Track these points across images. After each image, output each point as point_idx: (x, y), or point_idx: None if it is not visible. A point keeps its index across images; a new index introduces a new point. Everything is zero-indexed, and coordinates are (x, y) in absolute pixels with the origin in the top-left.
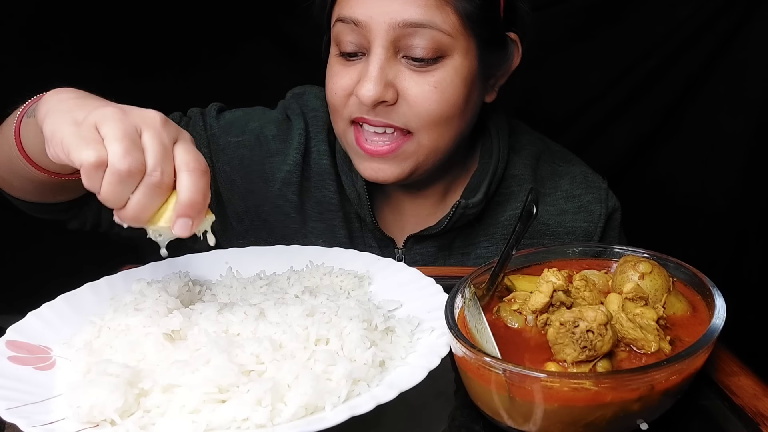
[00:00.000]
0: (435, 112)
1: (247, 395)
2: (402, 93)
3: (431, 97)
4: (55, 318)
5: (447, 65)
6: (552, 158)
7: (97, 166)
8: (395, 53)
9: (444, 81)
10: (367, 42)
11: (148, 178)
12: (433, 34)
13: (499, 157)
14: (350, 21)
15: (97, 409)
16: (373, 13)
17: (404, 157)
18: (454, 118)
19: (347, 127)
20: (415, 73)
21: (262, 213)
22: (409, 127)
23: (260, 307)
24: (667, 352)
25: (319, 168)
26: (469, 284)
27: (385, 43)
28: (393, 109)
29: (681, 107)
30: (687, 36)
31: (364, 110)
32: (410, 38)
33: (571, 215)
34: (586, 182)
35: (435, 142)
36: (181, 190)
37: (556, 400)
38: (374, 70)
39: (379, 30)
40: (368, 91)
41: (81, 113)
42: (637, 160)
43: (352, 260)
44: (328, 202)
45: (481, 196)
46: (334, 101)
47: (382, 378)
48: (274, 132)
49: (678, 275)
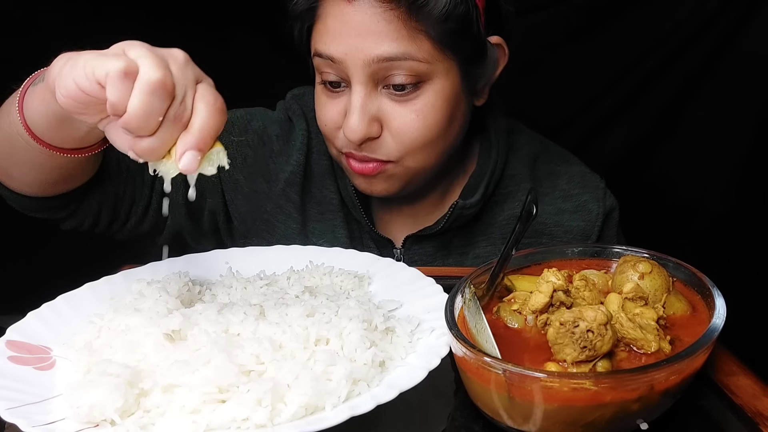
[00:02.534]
0: (418, 139)
1: (247, 395)
2: (385, 125)
3: (414, 126)
4: (55, 318)
5: (428, 90)
6: (550, 158)
7: (127, 73)
8: (375, 86)
9: (426, 107)
10: (346, 75)
11: (173, 109)
12: (409, 64)
13: (498, 157)
14: (327, 57)
15: (97, 409)
16: (347, 50)
17: (390, 175)
18: (438, 140)
19: (339, 154)
20: (397, 103)
21: (265, 213)
22: (392, 159)
23: (260, 307)
24: (667, 352)
25: (320, 168)
26: (469, 284)
27: (363, 79)
28: (377, 142)
29: (680, 107)
30: (686, 36)
31: (352, 146)
32: (387, 71)
33: (568, 214)
34: (583, 182)
35: (421, 163)
36: (195, 120)
37: (555, 400)
38: (356, 109)
39: (355, 67)
40: (353, 133)
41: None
42: (637, 160)
43: (352, 260)
44: (328, 203)
45: (479, 196)
46: (326, 132)
47: (382, 378)
48: (278, 132)
49: (678, 275)
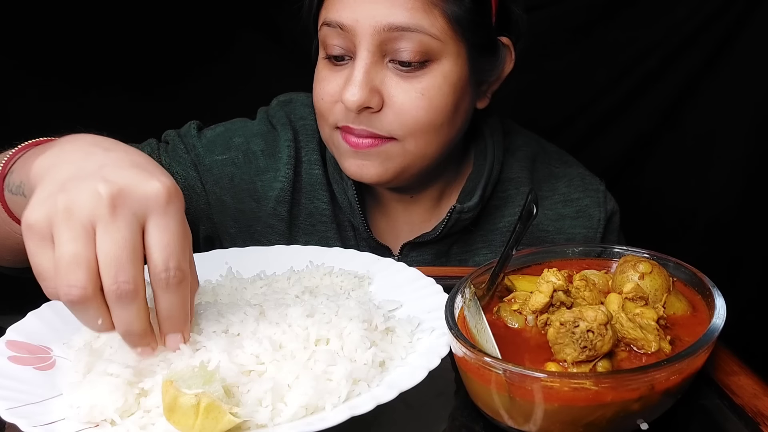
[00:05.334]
0: (422, 119)
1: (247, 395)
2: (387, 100)
3: (418, 105)
4: (55, 318)
5: (435, 71)
6: (548, 159)
7: (76, 300)
8: (381, 57)
9: (432, 87)
10: (353, 46)
11: (162, 279)
12: (420, 37)
13: (494, 158)
14: (336, 25)
15: (97, 409)
16: (358, 17)
17: (387, 157)
18: (443, 126)
19: (333, 131)
20: (402, 79)
21: (255, 233)
22: (394, 135)
23: (260, 307)
24: (667, 352)
25: (311, 178)
26: (469, 284)
27: (371, 47)
28: (377, 116)
29: (680, 107)
30: (686, 36)
31: (350, 118)
32: (397, 42)
33: (570, 220)
34: (583, 185)
35: (422, 149)
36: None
37: (556, 400)
38: (359, 74)
39: (364, 34)
40: (352, 96)
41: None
42: (636, 161)
43: (352, 260)
44: (320, 213)
45: (477, 199)
46: (321, 107)
47: (382, 378)
48: (262, 146)
49: (678, 275)
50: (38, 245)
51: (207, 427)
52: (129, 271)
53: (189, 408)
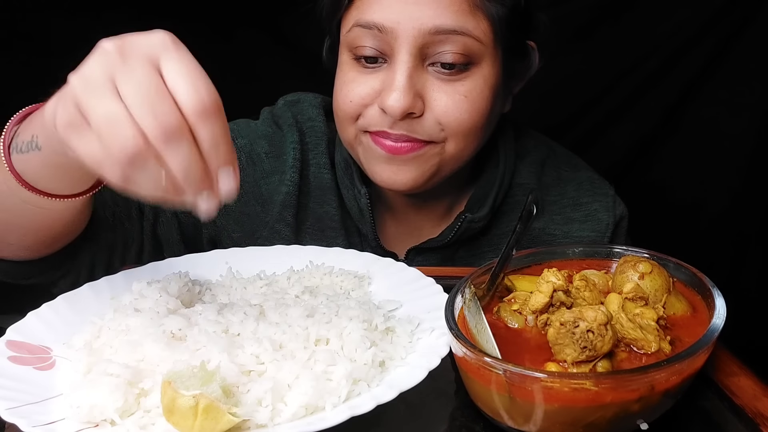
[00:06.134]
0: (466, 123)
1: (247, 395)
2: (429, 104)
3: (463, 107)
4: (55, 318)
5: (476, 74)
6: (557, 163)
7: (135, 156)
8: (422, 61)
9: (474, 90)
10: (389, 48)
11: (196, 105)
12: (464, 40)
13: (506, 167)
14: (373, 27)
15: (97, 409)
16: (401, 19)
17: (425, 160)
18: (482, 129)
19: (361, 135)
20: (443, 82)
21: (260, 238)
22: (434, 139)
23: (260, 307)
24: (667, 352)
25: (320, 182)
26: (469, 284)
27: (413, 50)
28: (418, 121)
29: (682, 108)
30: (688, 37)
31: (387, 122)
32: (440, 45)
33: (578, 224)
34: (592, 189)
35: (460, 152)
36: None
37: (556, 400)
38: (402, 78)
39: (407, 36)
40: (396, 101)
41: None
42: (638, 161)
43: (352, 260)
44: (330, 219)
45: (487, 209)
46: (348, 109)
47: (382, 378)
48: (267, 149)
49: (678, 275)
50: (75, 132)
51: (206, 428)
52: (163, 104)
53: (187, 409)
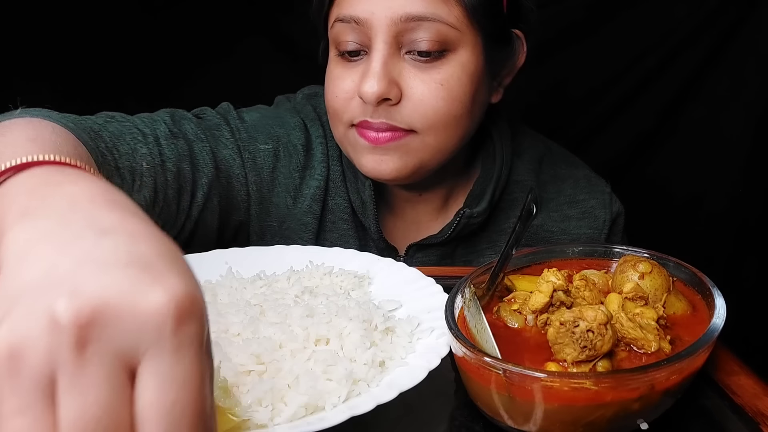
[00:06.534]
0: (442, 110)
1: (247, 395)
2: (406, 92)
3: (438, 95)
4: None
5: (453, 61)
6: (554, 161)
7: None
8: (398, 49)
9: (451, 78)
10: (368, 39)
11: None
12: (437, 26)
13: (503, 162)
14: (350, 20)
15: None
16: (374, 9)
17: (406, 151)
18: (462, 117)
19: (348, 130)
20: (419, 70)
21: (287, 230)
22: (414, 128)
23: (260, 308)
24: (667, 351)
25: (334, 175)
26: (469, 284)
27: (388, 39)
28: (396, 108)
29: (680, 106)
30: (686, 34)
31: (368, 112)
32: (414, 32)
33: (575, 221)
34: (589, 186)
35: (442, 142)
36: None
37: (556, 399)
38: (377, 65)
39: (380, 25)
40: (371, 87)
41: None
42: (636, 160)
43: (352, 260)
44: (342, 211)
45: (486, 204)
46: (335, 105)
47: (382, 378)
48: (302, 141)
49: (678, 275)
50: None
51: None
52: None
53: None
